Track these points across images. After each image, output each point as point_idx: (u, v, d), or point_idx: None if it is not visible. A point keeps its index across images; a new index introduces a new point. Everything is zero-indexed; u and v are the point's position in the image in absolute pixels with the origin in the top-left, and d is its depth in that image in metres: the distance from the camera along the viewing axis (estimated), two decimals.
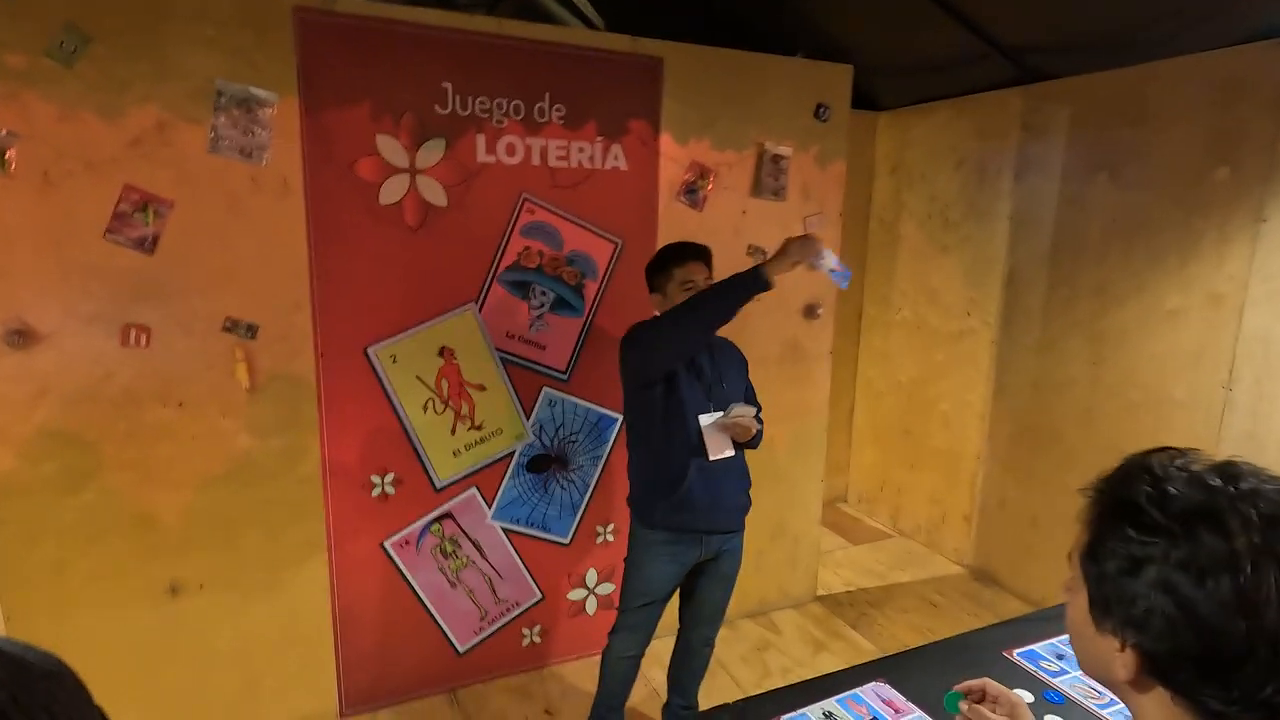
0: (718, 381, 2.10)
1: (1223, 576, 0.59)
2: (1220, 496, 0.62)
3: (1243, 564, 0.59)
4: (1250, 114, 2.52)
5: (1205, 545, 0.60)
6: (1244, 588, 0.58)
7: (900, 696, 1.29)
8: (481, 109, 2.39)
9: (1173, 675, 0.64)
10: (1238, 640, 0.59)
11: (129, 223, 2.04)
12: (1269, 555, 0.59)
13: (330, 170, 2.24)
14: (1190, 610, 0.60)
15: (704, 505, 2.08)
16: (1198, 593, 0.60)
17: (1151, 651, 0.64)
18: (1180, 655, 0.62)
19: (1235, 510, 0.61)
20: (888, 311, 4.22)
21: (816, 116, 2.96)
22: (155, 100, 2.02)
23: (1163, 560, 0.62)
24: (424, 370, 2.47)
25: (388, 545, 2.52)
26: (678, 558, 2.14)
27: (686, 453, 2.06)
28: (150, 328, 2.11)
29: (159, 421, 2.17)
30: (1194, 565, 0.60)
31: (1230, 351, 2.62)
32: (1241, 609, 0.58)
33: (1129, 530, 0.65)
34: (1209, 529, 0.61)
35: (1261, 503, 0.61)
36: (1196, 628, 0.60)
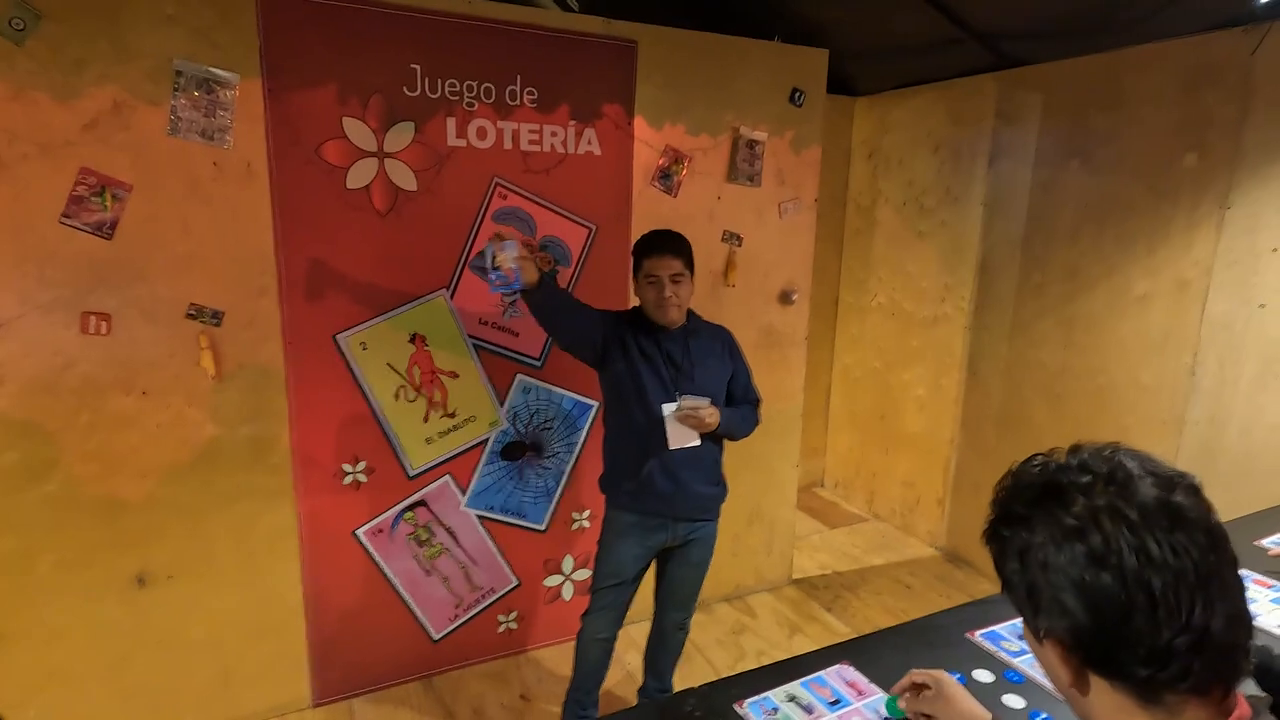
0: (688, 370, 2.09)
1: (1074, 540, 0.64)
2: (1059, 473, 0.68)
3: (1085, 525, 0.64)
4: (1216, 101, 2.55)
5: (1055, 517, 0.66)
6: (1094, 545, 0.63)
7: (863, 678, 1.30)
8: (452, 91, 2.35)
9: (1092, 655, 0.66)
10: (1112, 594, 0.62)
11: (86, 206, 1.98)
12: (1106, 511, 0.64)
13: (296, 153, 2.20)
14: (1064, 579, 0.64)
15: (665, 492, 2.09)
16: (1061, 560, 0.64)
17: (1061, 635, 0.67)
18: (1081, 629, 0.65)
19: (1071, 482, 0.67)
20: (864, 297, 4.24)
21: (792, 101, 2.95)
22: (112, 81, 1.97)
23: (1034, 545, 0.67)
24: (395, 357, 2.44)
25: (360, 533, 2.50)
26: (644, 540, 2.16)
27: (646, 439, 2.06)
28: (111, 315, 2.07)
29: (122, 410, 2.13)
30: (1052, 538, 0.65)
31: (1195, 336, 2.66)
32: (1100, 563, 0.62)
33: (1003, 531, 0.71)
34: (1054, 504, 0.67)
35: (1094, 467, 0.67)
36: (1077, 594, 0.64)
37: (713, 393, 2.08)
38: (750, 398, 2.25)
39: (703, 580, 2.29)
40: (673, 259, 2.04)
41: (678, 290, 2.05)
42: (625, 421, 2.10)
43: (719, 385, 2.16)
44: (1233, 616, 0.62)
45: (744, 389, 2.24)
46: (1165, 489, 0.64)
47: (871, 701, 1.26)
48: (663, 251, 2.05)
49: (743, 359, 2.26)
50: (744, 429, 2.18)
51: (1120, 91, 2.85)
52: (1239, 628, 0.63)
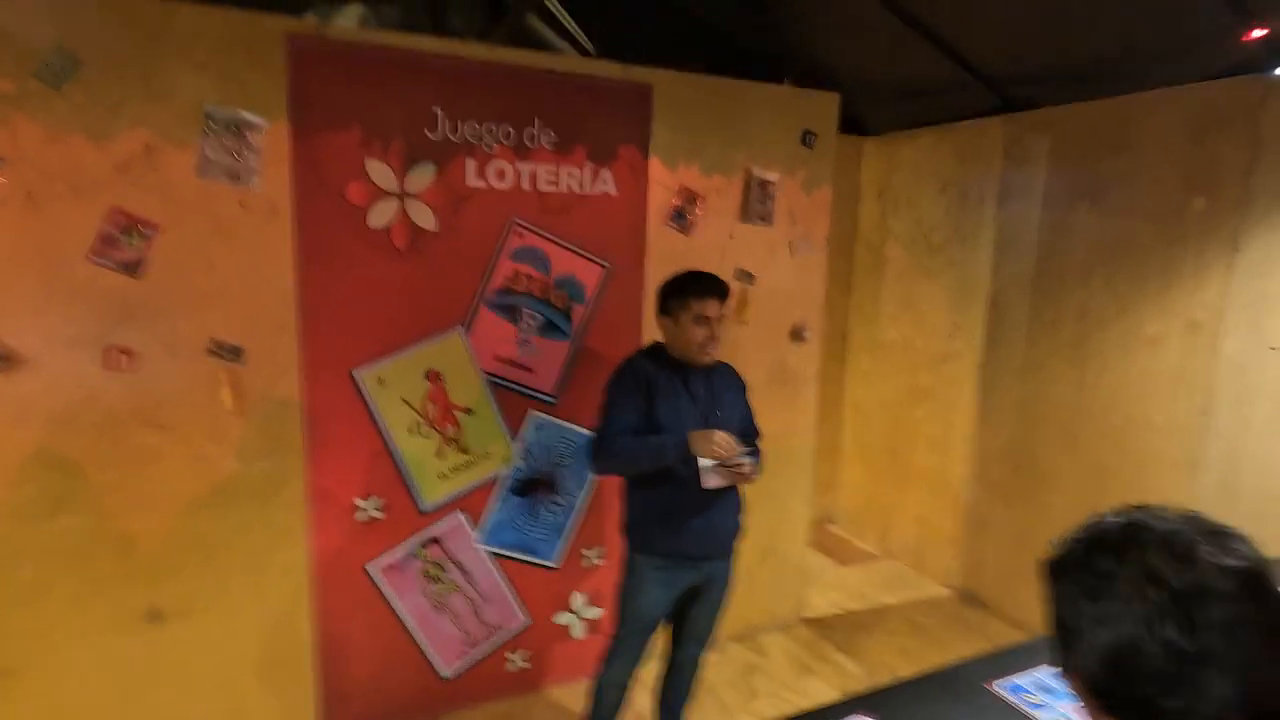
0: (712, 408, 2.11)
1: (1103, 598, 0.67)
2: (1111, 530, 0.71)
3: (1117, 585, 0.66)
4: (1225, 146, 2.59)
5: (1094, 570, 0.69)
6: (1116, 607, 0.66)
7: None
8: (472, 134, 2.40)
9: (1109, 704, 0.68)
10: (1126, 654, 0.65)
11: (115, 245, 2.03)
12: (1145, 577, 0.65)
13: (319, 194, 2.24)
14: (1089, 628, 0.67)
15: (699, 532, 2.09)
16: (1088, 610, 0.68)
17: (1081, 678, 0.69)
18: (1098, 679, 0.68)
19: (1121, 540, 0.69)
20: (874, 333, 4.25)
21: (803, 143, 3.00)
22: (144, 124, 2.02)
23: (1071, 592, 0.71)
24: (411, 393, 2.46)
25: (372, 569, 2.50)
26: (672, 583, 2.15)
27: (681, 481, 2.05)
28: (134, 350, 2.10)
29: (143, 445, 2.15)
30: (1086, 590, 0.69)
31: (1208, 377, 2.66)
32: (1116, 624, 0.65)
33: (1055, 569, 0.75)
34: (1099, 557, 0.70)
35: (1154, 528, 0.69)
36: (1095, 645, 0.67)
37: (738, 429, 2.10)
38: (753, 432, 2.27)
39: (721, 617, 2.28)
40: (719, 302, 2.08)
41: (719, 333, 2.09)
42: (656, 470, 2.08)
43: (738, 420, 2.19)
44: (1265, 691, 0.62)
45: (750, 424, 2.27)
46: (1218, 549, 0.64)
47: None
48: (714, 293, 2.07)
49: (747, 398, 2.30)
50: (760, 469, 2.19)
51: (1128, 136, 2.89)
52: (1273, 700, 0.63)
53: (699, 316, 2.04)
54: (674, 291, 2.10)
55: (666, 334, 2.13)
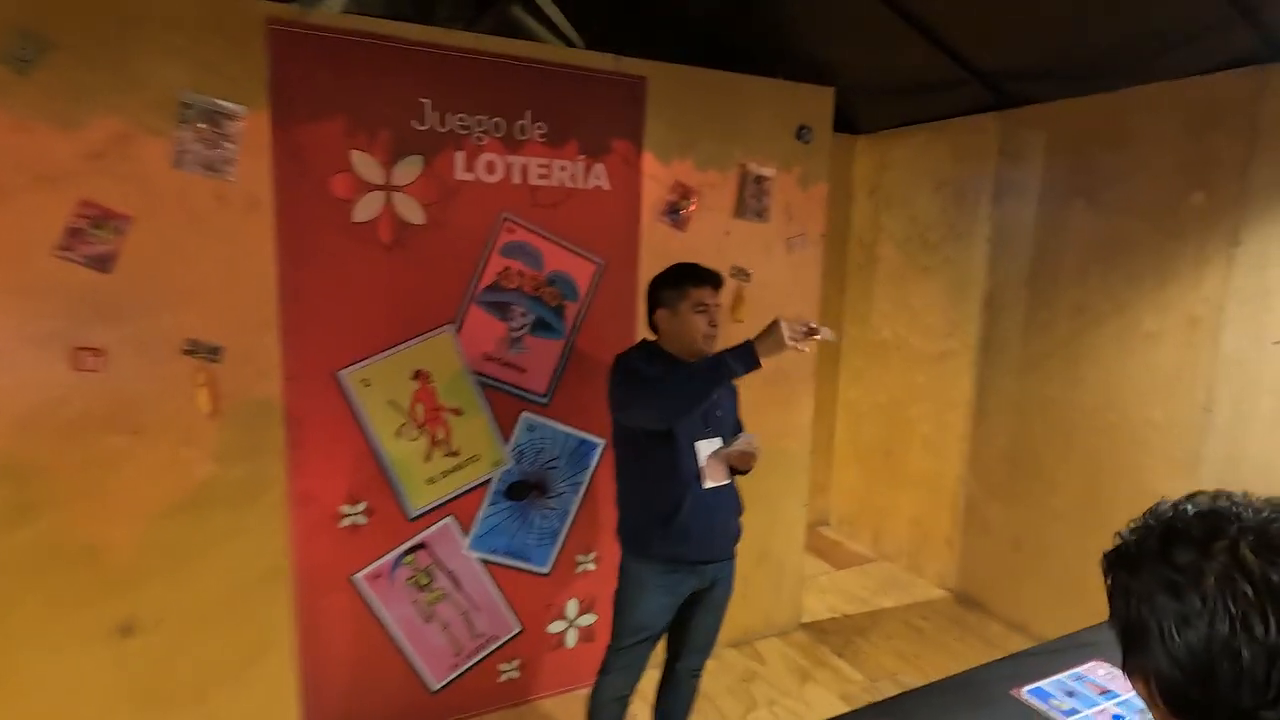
0: (712, 407, 2.03)
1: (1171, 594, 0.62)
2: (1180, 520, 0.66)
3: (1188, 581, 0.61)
4: (1222, 140, 2.57)
5: (1162, 565, 0.63)
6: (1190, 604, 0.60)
7: None
8: (461, 126, 2.33)
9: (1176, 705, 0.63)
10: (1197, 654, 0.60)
11: (84, 239, 1.92)
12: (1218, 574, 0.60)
13: (301, 186, 2.15)
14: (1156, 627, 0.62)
15: (700, 534, 2.01)
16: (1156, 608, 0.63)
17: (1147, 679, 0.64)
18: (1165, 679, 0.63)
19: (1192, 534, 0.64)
20: (867, 332, 4.21)
21: (799, 138, 2.95)
22: (117, 111, 1.92)
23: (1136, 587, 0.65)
24: (398, 394, 2.37)
25: (358, 578, 2.40)
26: (673, 589, 2.06)
27: (683, 481, 1.99)
28: (106, 350, 1.99)
29: (113, 449, 2.04)
30: (1154, 585, 0.63)
31: (1208, 374, 2.63)
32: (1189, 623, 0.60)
33: (1115, 563, 0.69)
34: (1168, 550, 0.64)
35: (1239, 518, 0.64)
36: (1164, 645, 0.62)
37: (730, 431, 2.03)
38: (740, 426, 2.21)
39: (722, 622, 2.20)
40: (716, 291, 2.04)
41: (720, 321, 2.04)
42: (656, 465, 2.00)
43: (733, 425, 2.12)
44: None
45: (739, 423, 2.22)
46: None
47: None
48: (711, 281, 2.02)
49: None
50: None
51: (1124, 130, 2.87)
52: None
53: (699, 304, 1.98)
54: (669, 283, 2.04)
55: (664, 329, 2.05)
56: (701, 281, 2.01)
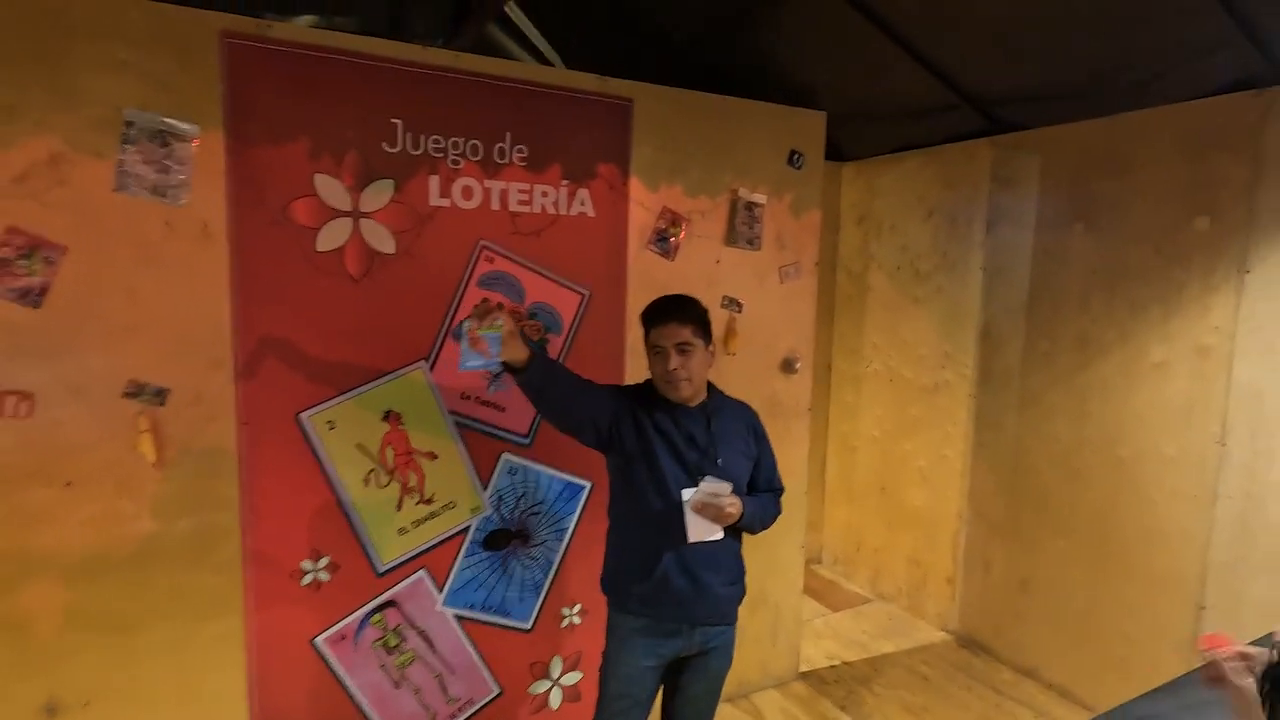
0: (710, 454, 1.85)
1: None
2: None
3: None
4: (1226, 164, 2.49)
5: None
6: None
7: None
8: (435, 148, 2.17)
9: None
10: None
11: (10, 271, 1.72)
12: None
13: (260, 213, 1.97)
14: None
15: (682, 594, 1.82)
16: None
17: None
18: None
19: None
20: (858, 364, 4.09)
21: (790, 163, 2.84)
22: (50, 130, 1.74)
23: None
24: (366, 438, 2.17)
25: (319, 642, 2.17)
26: (656, 649, 1.87)
27: (661, 532, 1.80)
28: (34, 394, 1.78)
29: (39, 504, 1.81)
30: None
31: (1222, 405, 2.52)
32: None
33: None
34: None
35: None
36: None
37: (736, 478, 1.84)
38: (775, 486, 2.01)
39: (720, 693, 1.99)
40: (679, 326, 1.82)
41: (686, 361, 1.81)
42: (637, 511, 1.84)
43: (743, 470, 1.92)
44: None
45: (769, 477, 2.00)
46: None
47: None
48: (668, 319, 1.83)
49: (768, 442, 2.02)
50: (767, 522, 1.93)
51: (1123, 155, 2.79)
52: None
53: (655, 347, 1.84)
54: (641, 321, 1.91)
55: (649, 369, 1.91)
56: (656, 318, 1.85)
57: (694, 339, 1.83)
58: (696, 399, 1.88)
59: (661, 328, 1.83)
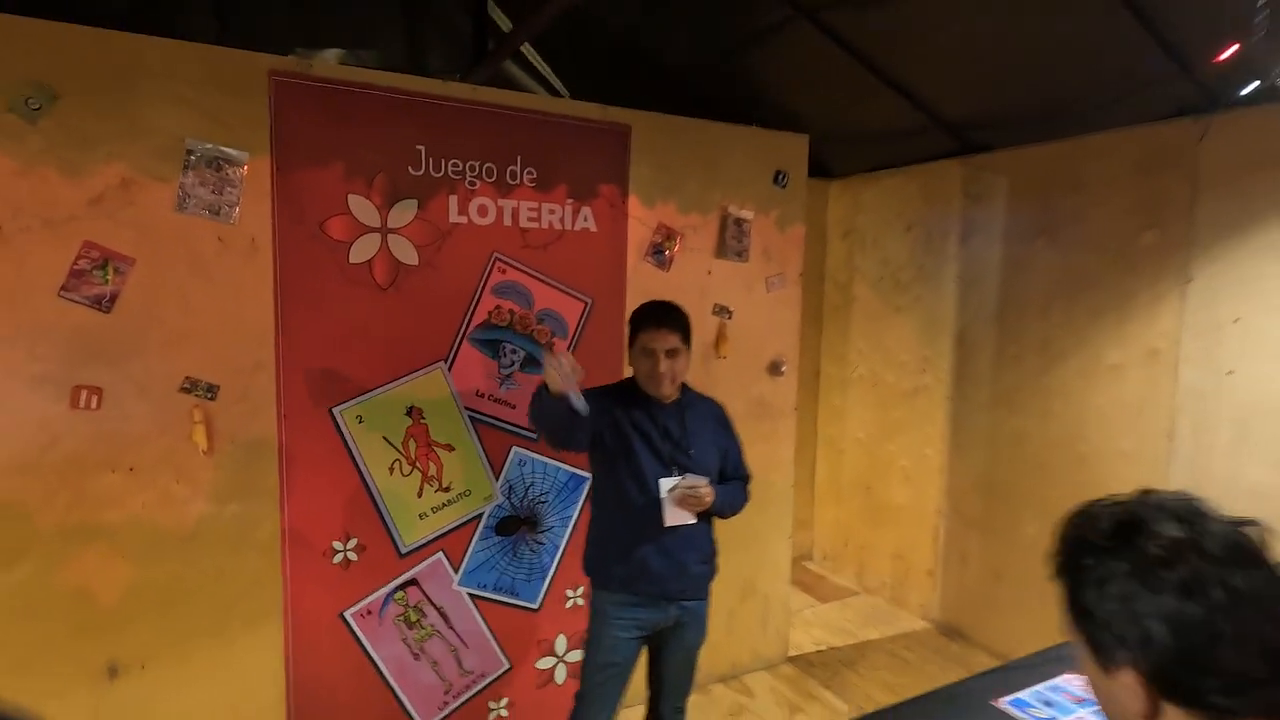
0: (683, 445, 2.05)
1: (1162, 572, 0.66)
2: (1139, 508, 0.71)
3: (1172, 557, 0.66)
4: (1170, 183, 2.75)
5: (1139, 550, 0.68)
6: (1183, 577, 0.65)
7: None
8: (454, 171, 2.42)
9: (1174, 685, 0.66)
10: (1199, 624, 0.64)
11: (87, 280, 1.97)
12: (1190, 546, 0.66)
13: (300, 229, 2.22)
14: (1152, 608, 0.66)
15: (661, 573, 2.02)
16: (1148, 590, 0.66)
17: (1145, 663, 0.67)
18: (1165, 659, 0.66)
19: (1152, 517, 0.69)
20: (845, 370, 4.33)
21: (776, 183, 3.09)
22: (122, 158, 1.99)
23: (1117, 575, 0.69)
24: (391, 430, 2.41)
25: (348, 615, 2.40)
26: (637, 623, 2.06)
27: (642, 520, 2.00)
28: (103, 389, 2.02)
29: (106, 488, 2.05)
30: (1136, 570, 0.67)
31: (1170, 404, 2.77)
32: (1189, 595, 0.64)
33: (1086, 561, 0.72)
34: (1137, 536, 0.69)
35: (1170, 506, 0.70)
36: (1164, 624, 0.65)
37: (709, 468, 2.06)
38: (741, 474, 2.21)
39: (697, 662, 2.20)
40: (670, 333, 2.02)
41: (673, 364, 2.02)
42: (618, 500, 2.04)
43: (714, 460, 2.12)
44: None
45: (735, 465, 2.20)
46: (1234, 532, 0.67)
47: None
48: (660, 325, 2.02)
49: (734, 433, 2.23)
50: (737, 507, 2.14)
51: (1081, 174, 3.05)
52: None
53: (645, 348, 2.02)
54: (630, 323, 2.11)
55: (631, 366, 2.11)
56: (648, 323, 2.03)
57: (681, 345, 2.03)
58: (672, 396, 2.08)
59: (654, 332, 2.02)
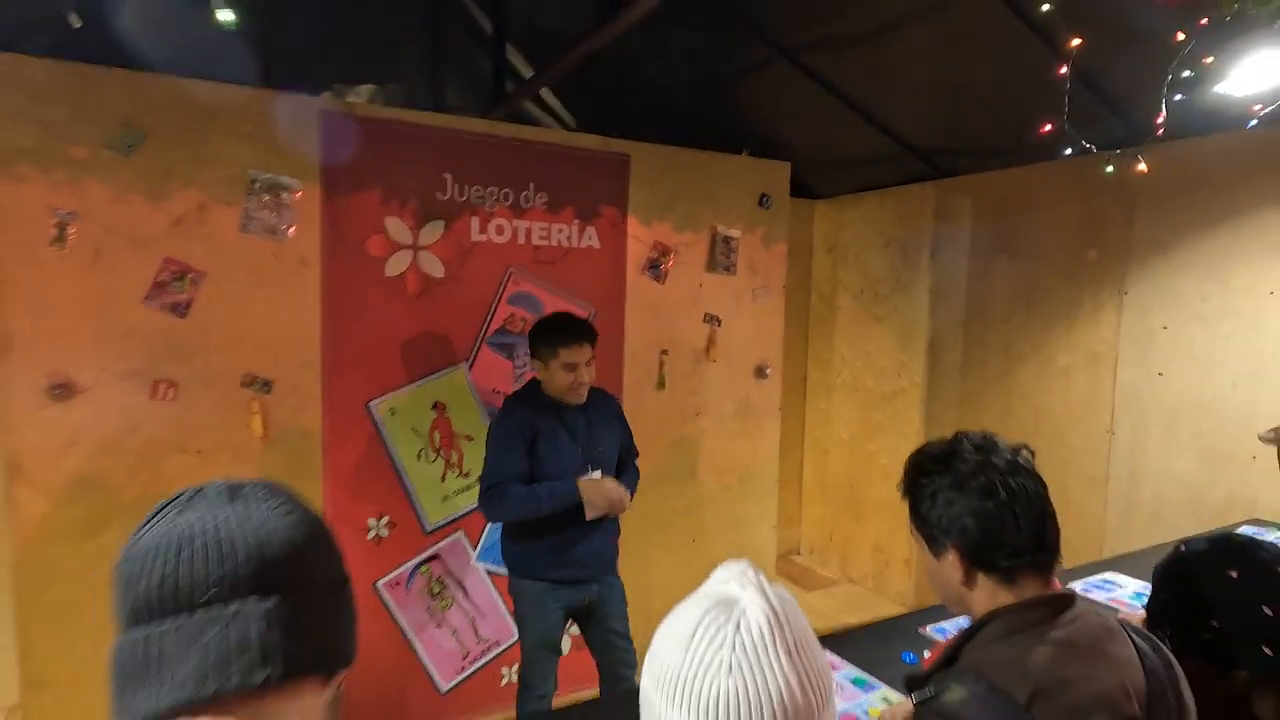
0: (593, 443, 2.26)
1: (970, 483, 0.99)
2: (954, 444, 1.05)
3: (976, 473, 0.99)
4: (1109, 207, 3.10)
5: (955, 470, 1.01)
6: (982, 485, 0.98)
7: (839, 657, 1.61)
8: (475, 195, 2.78)
9: (980, 556, 1.00)
10: (994, 516, 0.97)
11: (167, 290, 2.32)
12: (986, 465, 1.00)
13: (343, 247, 2.57)
14: (965, 508, 0.99)
15: (582, 557, 2.25)
16: (962, 496, 0.99)
17: (961, 545, 1.00)
18: (974, 541, 0.99)
19: (962, 448, 1.03)
20: (829, 375, 4.66)
21: (760, 205, 3.44)
22: (197, 186, 2.35)
23: (944, 487, 1.02)
24: (419, 422, 2.75)
25: (380, 585, 2.72)
26: (564, 604, 2.28)
27: (569, 515, 2.15)
28: (177, 383, 2.36)
29: (177, 467, 2.39)
30: (955, 483, 1.01)
31: (1110, 402, 3.10)
32: (988, 497, 0.98)
33: (921, 480, 1.06)
34: (955, 461, 1.02)
35: (973, 441, 1.03)
36: (973, 518, 0.99)
37: (614, 459, 2.32)
38: (633, 454, 2.43)
39: (628, 632, 2.39)
40: (589, 346, 2.16)
41: (590, 373, 2.18)
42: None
43: (616, 451, 2.34)
44: (1053, 527, 0.99)
45: (628, 447, 2.41)
46: (1014, 454, 1.00)
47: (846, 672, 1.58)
48: (581, 340, 2.15)
49: (627, 423, 2.43)
50: (633, 491, 2.30)
51: (1034, 198, 3.40)
52: (1055, 533, 1.00)
53: (568, 363, 2.13)
54: (542, 339, 2.18)
55: (540, 376, 2.23)
56: (570, 342, 2.13)
57: (593, 354, 2.20)
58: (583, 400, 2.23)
59: (576, 348, 2.14)
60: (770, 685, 0.63)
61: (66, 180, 2.18)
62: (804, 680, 0.65)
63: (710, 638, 0.66)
